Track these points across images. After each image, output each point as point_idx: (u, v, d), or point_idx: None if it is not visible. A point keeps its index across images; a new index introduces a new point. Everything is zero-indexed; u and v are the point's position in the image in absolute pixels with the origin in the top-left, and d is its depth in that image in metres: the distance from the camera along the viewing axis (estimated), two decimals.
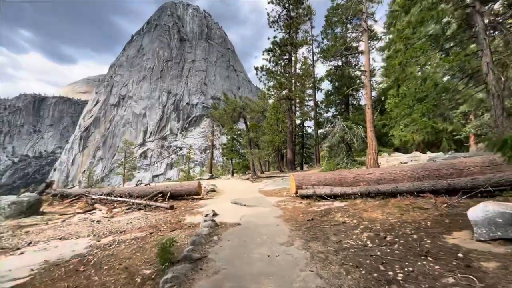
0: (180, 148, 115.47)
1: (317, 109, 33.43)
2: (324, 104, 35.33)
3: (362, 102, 35.92)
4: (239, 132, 26.55)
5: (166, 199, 10.09)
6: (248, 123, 18.43)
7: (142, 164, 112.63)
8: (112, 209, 9.05)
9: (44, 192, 14.06)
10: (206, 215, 6.60)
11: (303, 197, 7.99)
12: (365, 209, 5.86)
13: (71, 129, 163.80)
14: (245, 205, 7.68)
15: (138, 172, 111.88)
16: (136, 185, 16.24)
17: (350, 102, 35.93)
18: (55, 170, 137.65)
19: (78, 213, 8.84)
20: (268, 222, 5.54)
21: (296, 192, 8.44)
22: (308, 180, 8.36)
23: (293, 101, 23.37)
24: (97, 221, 7.15)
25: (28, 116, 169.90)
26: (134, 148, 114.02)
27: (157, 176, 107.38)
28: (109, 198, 10.29)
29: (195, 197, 10.43)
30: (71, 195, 12.51)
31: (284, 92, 23.41)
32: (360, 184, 7.67)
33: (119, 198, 10.02)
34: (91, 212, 8.95)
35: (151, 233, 5.26)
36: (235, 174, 27.60)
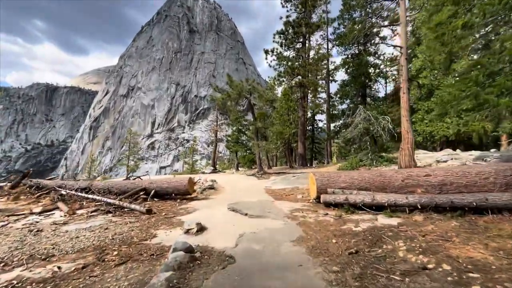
0: (188, 141, 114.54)
1: (330, 101, 30.72)
2: (338, 96, 32.56)
3: (380, 94, 32.99)
4: (245, 123, 24.26)
5: (149, 198, 7.98)
6: (255, 112, 16.12)
7: (149, 155, 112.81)
8: (76, 209, 7.01)
9: (21, 182, 12.29)
10: (187, 231, 4.41)
11: (328, 204, 5.69)
12: (442, 236, 3.51)
13: (81, 118, 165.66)
14: (246, 214, 5.43)
15: (145, 163, 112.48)
16: (127, 177, 14.30)
17: (367, 94, 32.98)
18: (65, 158, 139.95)
19: (33, 213, 6.85)
20: (282, 255, 3.27)
21: (318, 198, 6.14)
22: (336, 181, 6.03)
23: (306, 89, 20.83)
24: (40, 230, 5.10)
25: (41, 105, 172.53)
26: (142, 139, 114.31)
27: (164, 167, 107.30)
28: (79, 195, 8.27)
29: (187, 196, 8.28)
30: (45, 188, 10.63)
31: (296, 79, 20.86)
32: (414, 189, 5.29)
33: (90, 196, 7.98)
34: (50, 212, 6.95)
35: (83, 267, 3.11)
36: (240, 169, 25.42)
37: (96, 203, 7.47)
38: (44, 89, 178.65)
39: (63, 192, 8.64)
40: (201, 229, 4.53)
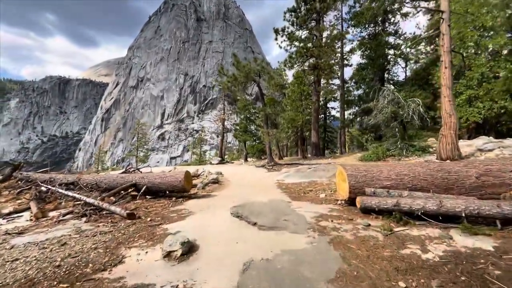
0: (197, 131, 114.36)
1: (344, 87, 28.47)
2: (353, 81, 30.22)
3: (400, 78, 30.35)
4: (253, 111, 22.63)
5: (139, 196, 6.66)
6: (264, 96, 14.45)
7: (160, 146, 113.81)
8: (49, 210, 5.78)
9: (11, 175, 11.34)
10: (168, 254, 2.98)
11: (367, 210, 4.12)
12: None
13: (93, 110, 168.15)
14: (255, 224, 3.95)
15: (156, 154, 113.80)
16: (125, 169, 13.18)
17: (385, 78, 30.43)
18: (80, 150, 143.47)
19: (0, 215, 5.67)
20: None
21: (351, 199, 4.59)
22: (377, 177, 4.42)
23: (320, 71, 18.80)
24: None
25: (55, 98, 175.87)
26: (153, 130, 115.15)
27: (174, 158, 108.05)
28: (60, 191, 7.05)
29: (185, 193, 6.89)
30: (33, 182, 9.58)
31: (310, 60, 18.85)
32: (496, 191, 3.63)
33: (70, 193, 6.72)
34: (19, 214, 5.75)
35: None
36: (249, 159, 24.01)
37: (75, 202, 6.21)
38: (57, 82, 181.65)
39: (43, 188, 7.46)
40: (189, 250, 3.09)
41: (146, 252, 3.21)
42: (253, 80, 13.81)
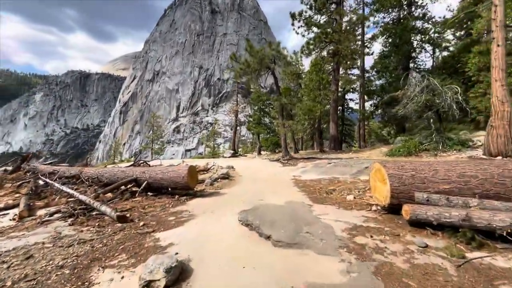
0: (211, 124, 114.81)
1: (364, 76, 26.57)
2: (375, 70, 28.14)
3: (426, 66, 27.90)
4: (268, 102, 21.53)
5: (138, 193, 5.93)
6: (280, 85, 13.33)
7: (175, 139, 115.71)
8: (38, 208, 5.19)
9: (20, 167, 11.14)
10: (147, 285, 2.14)
11: (419, 223, 3.07)
12: None
13: (112, 104, 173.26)
14: (269, 237, 3.03)
15: (172, 146, 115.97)
16: (135, 161, 12.69)
17: (410, 66, 28.12)
18: (100, 142, 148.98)
19: None
20: None
21: (392, 205, 3.54)
22: (430, 179, 3.34)
23: (341, 58, 17.28)
24: None
25: (76, 92, 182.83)
26: (168, 123, 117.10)
27: (189, 150, 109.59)
28: (56, 186, 6.49)
29: (190, 191, 6.08)
30: (40, 173, 9.21)
31: (330, 46, 17.37)
32: None
33: (65, 189, 6.12)
34: (4, 212, 5.20)
35: None
36: (262, 153, 23.07)
37: (69, 199, 5.59)
38: (78, 76, 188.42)
39: (40, 182, 6.96)
40: (177, 279, 2.24)
41: (122, 277, 2.38)
42: (267, 67, 12.71)
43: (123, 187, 6.27)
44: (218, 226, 3.65)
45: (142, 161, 12.41)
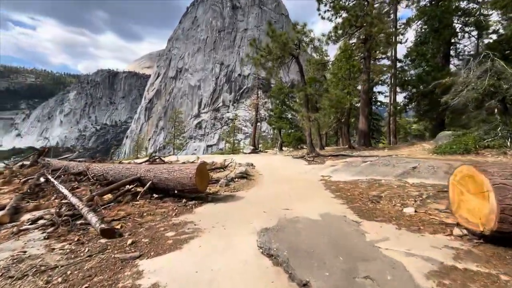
0: (232, 120, 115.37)
1: (396, 66, 24.02)
2: (409, 58, 25.33)
3: (468, 52, 24.62)
4: (290, 95, 20.09)
5: (139, 196, 5.03)
6: (304, 73, 11.92)
7: (197, 135, 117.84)
8: (26, 211, 4.48)
9: (37, 161, 10.97)
10: None
11: None
12: None
13: (138, 101, 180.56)
14: (306, 285, 1.88)
15: (194, 142, 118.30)
16: (150, 158, 12.08)
17: (450, 54, 24.95)
18: (127, 137, 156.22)
19: None
20: None
21: (500, 232, 2.21)
22: None
23: (373, 44, 15.35)
24: None
25: (105, 90, 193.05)
26: (190, 119, 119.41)
27: (210, 146, 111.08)
28: (56, 185, 5.82)
29: (200, 194, 5.08)
30: (52, 168, 8.83)
31: (361, 30, 15.49)
32: None
33: (62, 189, 5.39)
34: None
35: None
36: (284, 149, 21.74)
37: (62, 201, 4.84)
38: (107, 75, 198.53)
39: (42, 179, 6.37)
40: None
41: None
42: (291, 54, 11.37)
43: (127, 186, 5.44)
44: (228, 254, 2.54)
45: (157, 157, 11.77)
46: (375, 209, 3.98)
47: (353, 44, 16.31)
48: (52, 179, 6.15)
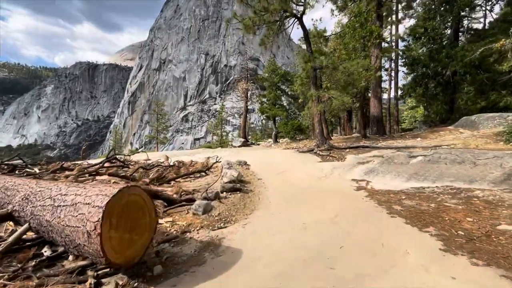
0: (219, 112, 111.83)
1: (398, 46, 21.62)
2: (416, 36, 22.74)
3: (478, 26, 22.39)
4: (286, 78, 17.08)
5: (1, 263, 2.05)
6: (310, 41, 8.94)
7: (184, 128, 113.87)
8: None
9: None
10: None
11: None
12: None
13: (121, 94, 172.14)
14: None
15: (181, 135, 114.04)
16: (107, 156, 8.85)
17: (460, 29, 22.56)
18: (110, 132, 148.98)
19: None
20: None
21: None
22: None
23: (389, 8, 12.56)
24: None
25: (85, 83, 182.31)
26: (176, 112, 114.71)
27: (198, 139, 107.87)
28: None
29: (166, 219, 2.11)
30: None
31: None
32: None
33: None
34: None
35: None
36: (279, 140, 18.84)
37: None
38: (86, 67, 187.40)
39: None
40: None
41: None
42: (293, 15, 8.37)
43: None
44: None
45: (118, 156, 8.56)
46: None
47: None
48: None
